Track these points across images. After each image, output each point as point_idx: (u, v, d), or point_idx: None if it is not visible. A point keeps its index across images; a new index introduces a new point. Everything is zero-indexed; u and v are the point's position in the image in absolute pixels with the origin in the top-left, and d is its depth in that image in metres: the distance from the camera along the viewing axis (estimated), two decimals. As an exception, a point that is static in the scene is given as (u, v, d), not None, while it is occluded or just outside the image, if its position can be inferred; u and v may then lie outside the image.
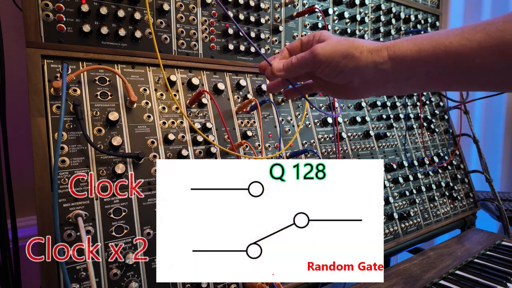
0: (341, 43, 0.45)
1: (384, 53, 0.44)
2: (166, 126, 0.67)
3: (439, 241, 1.08)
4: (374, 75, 0.45)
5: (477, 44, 0.38)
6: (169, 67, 0.72)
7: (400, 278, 0.82)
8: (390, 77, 0.45)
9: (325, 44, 0.46)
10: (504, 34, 0.37)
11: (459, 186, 1.24)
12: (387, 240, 0.94)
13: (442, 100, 1.33)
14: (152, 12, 0.69)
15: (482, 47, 0.38)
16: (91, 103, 0.61)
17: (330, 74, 0.47)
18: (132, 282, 0.55)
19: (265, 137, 0.81)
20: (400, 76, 0.44)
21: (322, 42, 0.47)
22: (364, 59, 0.44)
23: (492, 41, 0.37)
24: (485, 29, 0.38)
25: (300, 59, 0.47)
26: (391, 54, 0.43)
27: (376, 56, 0.44)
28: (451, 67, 0.41)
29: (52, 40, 0.60)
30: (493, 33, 0.37)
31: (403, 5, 1.20)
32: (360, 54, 0.44)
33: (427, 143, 1.21)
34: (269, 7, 0.86)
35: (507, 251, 0.99)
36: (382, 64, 0.44)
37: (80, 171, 0.56)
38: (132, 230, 0.58)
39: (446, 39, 0.40)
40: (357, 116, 1.00)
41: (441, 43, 0.40)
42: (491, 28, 0.38)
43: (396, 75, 0.44)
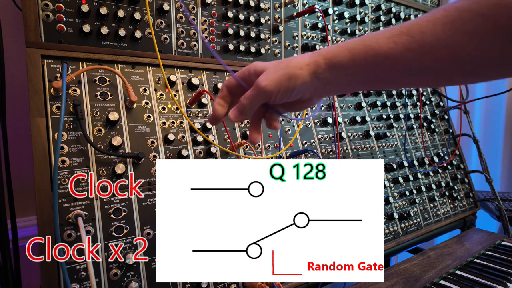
0: (280, 67, 0.47)
1: (321, 62, 0.45)
2: (166, 126, 0.67)
3: (439, 241, 1.08)
4: (318, 84, 0.47)
5: (403, 45, 0.39)
6: (169, 67, 0.72)
7: (400, 278, 0.82)
8: (332, 83, 0.47)
9: (266, 74, 0.47)
10: (425, 35, 0.38)
11: (459, 186, 1.24)
12: (387, 240, 0.94)
13: (442, 100, 1.33)
14: (152, 12, 0.69)
15: (407, 48, 0.39)
16: (91, 103, 0.61)
17: (283, 98, 0.48)
18: (132, 282, 0.55)
19: (265, 137, 0.81)
20: (340, 80, 0.46)
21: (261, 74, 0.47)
22: (306, 74, 0.46)
23: (416, 42, 0.38)
24: (410, 30, 0.39)
25: (249, 98, 0.48)
26: (328, 62, 0.45)
27: (314, 66, 0.46)
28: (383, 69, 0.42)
29: (52, 40, 0.60)
30: (416, 34, 0.38)
31: (403, 5, 1.20)
32: (301, 70, 0.46)
33: (427, 143, 1.21)
34: (269, 7, 0.86)
35: (507, 251, 0.99)
36: (321, 73, 0.45)
37: (80, 171, 0.56)
38: (132, 230, 0.58)
39: (376, 43, 0.41)
40: (357, 116, 1.00)
41: (372, 48, 0.42)
42: (415, 29, 0.39)
43: (337, 80, 0.46)
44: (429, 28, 0.38)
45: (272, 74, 0.46)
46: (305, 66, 0.46)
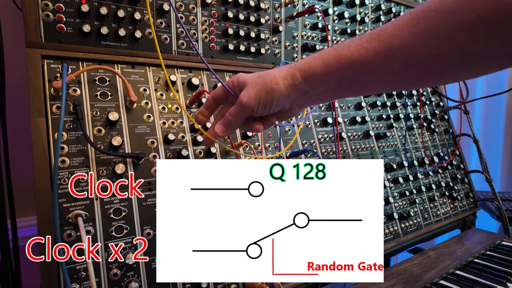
0: (258, 82, 0.50)
1: (297, 75, 0.48)
2: (166, 126, 0.67)
3: (439, 241, 1.08)
4: (296, 95, 0.49)
5: (373, 51, 0.41)
6: (169, 67, 0.72)
7: (400, 278, 0.82)
8: (310, 93, 0.49)
9: (246, 91, 0.50)
10: (393, 38, 0.39)
11: (459, 186, 1.24)
12: (387, 240, 0.94)
13: (442, 100, 1.33)
14: (152, 12, 0.69)
15: (377, 54, 0.40)
16: (91, 103, 0.61)
17: (264, 111, 0.51)
18: (132, 282, 0.55)
19: (265, 137, 0.80)
20: (318, 90, 0.48)
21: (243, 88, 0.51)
22: (283, 87, 0.48)
23: (386, 46, 0.40)
24: (379, 36, 0.40)
25: (234, 114, 0.52)
26: (303, 74, 0.47)
27: (291, 79, 0.48)
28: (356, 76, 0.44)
29: (52, 40, 0.60)
30: (385, 39, 0.40)
31: (403, 5, 1.20)
32: (277, 84, 0.48)
33: (427, 143, 1.21)
34: (269, 7, 0.86)
35: (507, 251, 0.99)
36: (298, 85, 0.48)
37: (80, 171, 0.56)
38: (132, 230, 0.58)
39: (347, 51, 0.43)
40: (357, 116, 1.00)
41: (343, 56, 0.43)
42: (383, 34, 0.40)
43: (314, 90, 0.48)
44: (396, 32, 0.39)
45: (252, 90, 0.50)
46: (281, 80, 0.49)
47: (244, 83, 0.51)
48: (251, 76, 0.52)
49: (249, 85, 0.51)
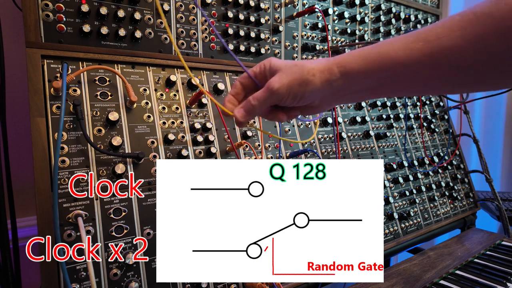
0: (293, 71, 0.46)
1: (335, 70, 0.45)
2: (166, 126, 0.67)
3: (439, 241, 1.08)
4: (330, 91, 0.47)
5: (419, 52, 0.39)
6: (169, 67, 0.72)
7: (400, 278, 0.82)
8: (345, 91, 0.47)
9: (279, 77, 0.47)
10: (442, 40, 0.37)
11: (459, 186, 1.24)
12: (387, 240, 0.94)
13: (442, 100, 1.33)
14: (151, 12, 0.69)
15: (423, 55, 0.39)
16: (91, 103, 0.61)
17: (293, 102, 0.48)
18: (132, 282, 0.55)
19: (265, 137, 0.80)
20: (353, 88, 0.46)
21: (275, 75, 0.48)
22: (318, 81, 0.46)
23: (434, 48, 0.38)
24: (426, 36, 0.39)
25: (260, 99, 0.48)
26: (342, 70, 0.45)
27: (328, 74, 0.46)
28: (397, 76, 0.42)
29: (52, 40, 0.60)
30: (433, 40, 0.38)
31: (403, 5, 1.20)
32: (314, 77, 0.46)
33: (427, 143, 1.21)
34: (269, 7, 0.86)
35: (507, 251, 0.99)
36: (335, 81, 0.46)
37: (80, 171, 0.56)
38: (132, 230, 0.58)
39: (391, 50, 0.41)
40: (357, 116, 1.00)
41: (387, 55, 0.41)
42: (431, 35, 0.38)
43: (349, 88, 0.46)
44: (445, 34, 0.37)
45: (285, 77, 0.46)
46: (319, 73, 0.46)
47: (276, 69, 0.48)
48: (285, 63, 0.48)
49: (282, 71, 0.47)
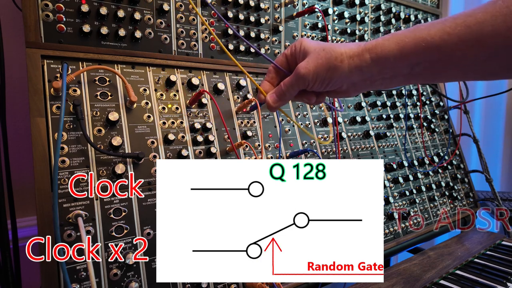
0: (321, 56, 0.46)
1: (366, 57, 0.44)
2: (166, 126, 0.67)
3: (439, 241, 1.08)
4: (360, 78, 0.46)
5: (457, 37, 0.38)
6: (169, 67, 0.72)
7: (400, 278, 0.82)
8: (376, 77, 0.46)
9: (306, 62, 0.47)
10: (483, 25, 0.37)
11: (459, 186, 1.24)
12: (387, 240, 0.94)
13: (442, 100, 1.33)
14: (151, 12, 0.69)
15: (462, 40, 0.38)
16: (91, 103, 0.61)
17: (320, 87, 0.49)
18: (132, 282, 0.55)
19: (265, 137, 0.81)
20: (385, 75, 0.45)
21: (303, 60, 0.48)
22: (346, 67, 0.45)
23: (473, 33, 0.37)
24: (465, 21, 0.38)
25: (289, 85, 0.49)
26: (374, 57, 0.44)
27: (358, 60, 0.45)
28: (434, 62, 0.41)
29: (52, 40, 0.60)
30: (473, 25, 0.37)
31: (403, 5, 1.20)
32: (342, 63, 0.45)
33: (427, 143, 1.21)
34: (269, 7, 0.86)
35: (507, 251, 0.99)
36: (366, 67, 0.45)
37: (80, 171, 0.56)
38: (132, 230, 0.58)
39: (427, 35, 0.40)
40: (357, 116, 1.00)
41: (423, 39, 0.40)
42: (471, 20, 0.38)
43: (381, 74, 0.45)
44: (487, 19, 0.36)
45: (312, 62, 0.46)
46: (347, 59, 0.45)
47: (306, 52, 0.48)
48: (314, 46, 0.48)
49: (311, 56, 0.47)
